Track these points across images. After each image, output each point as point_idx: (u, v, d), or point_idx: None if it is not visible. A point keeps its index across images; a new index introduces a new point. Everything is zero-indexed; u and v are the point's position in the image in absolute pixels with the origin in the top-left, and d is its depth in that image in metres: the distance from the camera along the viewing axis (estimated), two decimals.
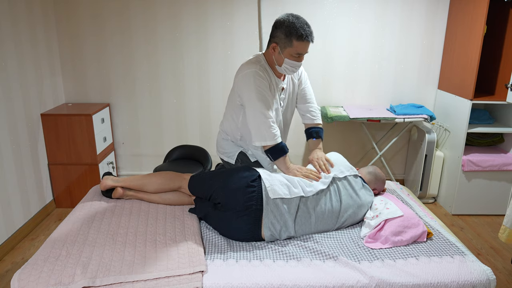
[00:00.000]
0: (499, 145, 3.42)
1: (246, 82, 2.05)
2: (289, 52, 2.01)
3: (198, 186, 2.08)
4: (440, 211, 3.39)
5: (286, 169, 2.12)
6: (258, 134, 2.06)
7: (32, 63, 3.05)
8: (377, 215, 1.97)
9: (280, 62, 2.07)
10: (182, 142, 3.70)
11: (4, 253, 2.68)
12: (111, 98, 3.60)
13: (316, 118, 2.38)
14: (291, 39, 1.97)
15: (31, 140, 3.03)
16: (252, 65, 2.08)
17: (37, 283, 1.53)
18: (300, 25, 1.95)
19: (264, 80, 2.05)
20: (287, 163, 2.12)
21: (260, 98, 2.02)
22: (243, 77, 2.07)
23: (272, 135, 2.04)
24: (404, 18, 3.46)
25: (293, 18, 1.98)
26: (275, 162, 2.13)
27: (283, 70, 2.09)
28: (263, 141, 2.06)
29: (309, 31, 1.98)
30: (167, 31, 3.44)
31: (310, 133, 2.37)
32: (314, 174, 2.09)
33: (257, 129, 2.06)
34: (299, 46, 1.99)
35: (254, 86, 2.02)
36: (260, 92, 2.03)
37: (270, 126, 2.04)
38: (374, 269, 1.66)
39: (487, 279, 1.65)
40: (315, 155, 2.24)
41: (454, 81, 3.32)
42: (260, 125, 2.04)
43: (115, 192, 2.18)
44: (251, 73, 2.04)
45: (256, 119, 2.04)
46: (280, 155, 2.09)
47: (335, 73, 3.58)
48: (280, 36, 2.00)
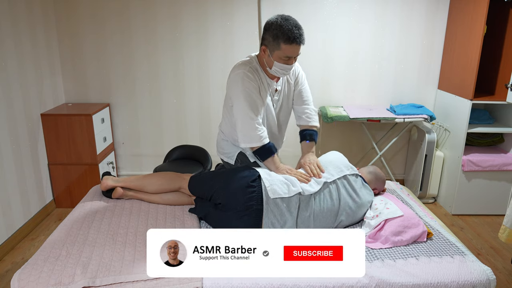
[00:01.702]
0: (499, 145, 3.42)
1: (234, 83, 2.05)
2: (278, 55, 1.97)
3: (198, 187, 2.08)
4: (440, 211, 3.39)
5: (275, 169, 2.10)
6: (244, 135, 2.06)
7: (32, 63, 3.05)
8: (377, 215, 1.97)
9: (270, 65, 2.04)
10: (182, 142, 3.70)
11: (4, 253, 2.68)
12: (111, 98, 3.60)
13: (311, 120, 2.31)
14: (279, 42, 1.93)
15: (31, 140, 3.03)
16: (242, 66, 2.06)
17: (37, 283, 1.53)
18: (288, 28, 1.89)
19: (252, 82, 2.03)
20: (276, 163, 2.10)
21: (246, 100, 2.01)
22: (232, 78, 2.07)
23: (258, 136, 2.04)
24: (404, 18, 3.46)
25: (281, 20, 1.92)
26: (264, 162, 2.12)
27: (274, 73, 2.07)
28: (249, 143, 2.06)
29: (298, 33, 1.91)
30: (167, 31, 3.44)
31: (304, 135, 2.31)
32: (304, 176, 2.04)
33: (243, 131, 2.05)
34: (287, 49, 1.94)
35: (242, 88, 2.01)
36: (247, 94, 2.01)
37: (255, 128, 2.03)
38: (374, 269, 1.66)
39: (487, 279, 1.65)
40: (307, 159, 2.18)
41: (454, 81, 3.32)
42: (245, 127, 2.03)
43: (115, 192, 2.18)
44: (240, 75, 2.03)
45: (242, 121, 2.03)
46: (268, 156, 2.08)
47: (335, 73, 3.58)
48: (269, 39, 1.96)
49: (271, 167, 2.11)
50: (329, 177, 2.04)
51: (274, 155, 2.10)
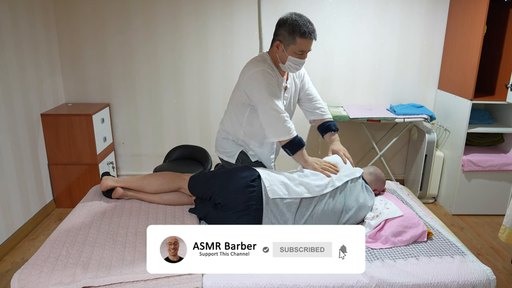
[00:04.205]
0: (499, 145, 3.42)
1: (256, 80, 2.05)
2: (293, 50, 2.03)
3: (198, 187, 2.08)
4: (440, 211, 3.39)
5: (304, 162, 2.12)
6: (272, 130, 2.06)
7: (32, 63, 3.05)
8: (377, 215, 1.97)
9: (283, 60, 2.08)
10: (182, 142, 3.70)
11: (4, 253, 2.68)
12: (111, 98, 3.60)
13: (326, 113, 2.42)
14: (295, 37, 1.99)
15: (31, 140, 3.03)
16: (260, 63, 2.09)
17: (37, 283, 1.53)
18: (303, 23, 1.98)
19: (273, 78, 2.07)
20: (305, 156, 2.12)
21: (272, 95, 2.03)
22: (252, 75, 2.07)
23: (288, 129, 2.04)
24: (404, 18, 3.46)
25: (296, 16, 2.01)
26: (293, 156, 2.13)
27: (287, 68, 2.11)
28: (279, 137, 2.06)
29: (312, 28, 2.01)
30: (167, 31, 3.44)
31: (328, 126, 2.38)
32: (333, 168, 2.10)
33: (271, 125, 2.05)
34: (302, 43, 2.01)
35: (265, 84, 2.03)
36: (271, 89, 2.04)
37: (284, 120, 2.04)
38: (374, 269, 1.66)
39: (487, 279, 1.65)
40: (340, 146, 2.31)
41: (454, 81, 3.32)
42: (273, 121, 2.04)
43: (115, 192, 2.18)
44: (260, 71, 2.05)
45: (269, 116, 2.04)
46: (298, 149, 2.09)
47: (335, 73, 3.58)
48: (284, 34, 2.02)
49: (300, 160, 2.13)
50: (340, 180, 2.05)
51: (303, 148, 2.11)
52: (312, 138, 3.72)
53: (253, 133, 2.23)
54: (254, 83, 2.06)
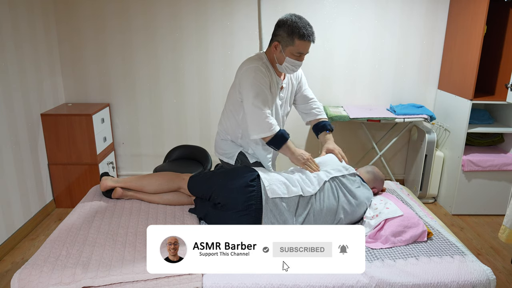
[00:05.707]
0: (499, 145, 3.42)
1: (246, 76, 2.07)
2: (290, 51, 2.04)
3: (197, 187, 2.08)
4: (440, 211, 3.39)
5: (291, 154, 2.12)
6: (254, 126, 2.07)
7: (32, 63, 3.05)
8: (377, 215, 1.97)
9: (281, 61, 2.09)
10: (182, 142, 3.70)
11: (4, 253, 2.69)
12: (111, 98, 3.60)
13: (321, 113, 2.43)
14: (293, 38, 2.00)
15: (31, 140, 3.03)
16: (254, 61, 2.10)
17: (37, 283, 1.53)
18: (303, 25, 1.99)
19: (264, 77, 2.07)
20: (291, 148, 2.12)
21: (257, 92, 2.04)
22: (244, 72, 2.09)
23: (269, 125, 2.04)
24: (404, 18, 3.46)
25: (296, 17, 2.02)
26: (280, 151, 2.13)
27: (284, 69, 2.12)
28: (261, 133, 2.06)
29: (311, 31, 2.01)
30: (167, 31, 3.44)
31: (324, 126, 2.40)
32: (315, 166, 2.13)
33: (253, 122, 2.06)
34: (301, 45, 2.01)
35: (253, 81, 2.04)
36: (258, 87, 2.04)
37: (266, 117, 2.04)
38: (374, 269, 1.66)
39: (487, 279, 1.65)
40: (334, 145, 2.34)
41: (454, 81, 3.32)
42: (255, 117, 2.04)
43: (115, 192, 2.18)
44: (253, 68, 2.06)
45: (252, 112, 2.05)
46: (282, 143, 2.09)
47: (335, 73, 3.58)
48: (283, 35, 2.03)
49: (287, 153, 2.13)
50: (328, 175, 2.06)
51: (288, 141, 2.11)
52: (312, 138, 3.73)
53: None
54: (245, 79, 2.08)
